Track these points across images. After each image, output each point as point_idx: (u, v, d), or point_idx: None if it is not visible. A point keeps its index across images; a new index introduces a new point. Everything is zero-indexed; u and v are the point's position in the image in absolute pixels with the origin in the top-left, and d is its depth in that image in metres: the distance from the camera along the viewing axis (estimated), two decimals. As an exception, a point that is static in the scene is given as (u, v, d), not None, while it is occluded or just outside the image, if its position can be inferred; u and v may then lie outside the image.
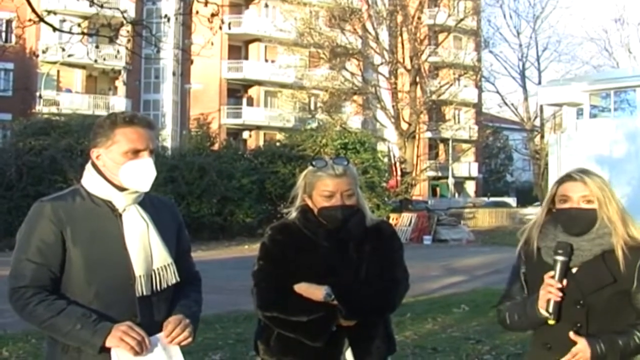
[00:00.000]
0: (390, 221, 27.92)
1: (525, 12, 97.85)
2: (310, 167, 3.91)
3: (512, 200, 69.30)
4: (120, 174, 3.31)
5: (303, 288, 3.69)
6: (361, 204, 3.92)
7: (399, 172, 42.13)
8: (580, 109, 41.77)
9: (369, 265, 3.81)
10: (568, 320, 3.36)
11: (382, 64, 45.59)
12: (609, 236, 3.39)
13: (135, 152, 3.32)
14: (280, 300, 3.71)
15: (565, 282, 3.36)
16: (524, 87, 66.90)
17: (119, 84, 55.90)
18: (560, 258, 3.36)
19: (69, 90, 53.35)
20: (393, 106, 44.36)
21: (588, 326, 3.35)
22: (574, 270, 3.41)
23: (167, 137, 48.62)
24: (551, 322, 3.36)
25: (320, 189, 3.81)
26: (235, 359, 9.05)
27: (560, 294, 3.33)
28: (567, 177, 3.50)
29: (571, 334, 3.30)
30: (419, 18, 45.11)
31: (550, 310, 3.34)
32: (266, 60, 60.89)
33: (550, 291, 3.33)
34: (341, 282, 3.70)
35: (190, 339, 3.30)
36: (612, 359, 3.29)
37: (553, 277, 3.35)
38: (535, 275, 3.49)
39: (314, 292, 3.66)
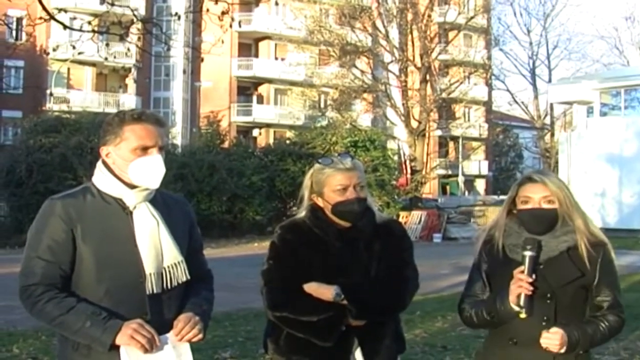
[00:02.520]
0: (400, 219, 28.00)
1: (535, 10, 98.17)
2: (317, 166, 3.89)
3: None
4: (129, 171, 3.31)
5: (313, 288, 3.68)
6: (369, 202, 3.91)
7: (408, 170, 42.08)
8: (590, 107, 41.66)
9: (380, 264, 3.80)
10: (536, 314, 3.48)
11: (392, 61, 45.56)
12: (572, 233, 3.57)
13: (144, 149, 3.32)
14: (290, 300, 3.70)
15: (534, 276, 3.47)
16: (534, 85, 66.81)
17: (129, 81, 56.03)
18: (528, 253, 3.47)
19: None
20: (403, 104, 44.33)
21: (556, 319, 3.48)
22: (541, 266, 3.53)
23: (177, 135, 48.61)
24: (522, 315, 3.45)
25: (333, 184, 3.78)
26: (244, 357, 9.05)
27: (531, 288, 3.43)
28: (527, 179, 3.66)
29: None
30: (429, 16, 45.08)
31: (522, 304, 3.43)
32: (276, 58, 60.95)
33: (521, 285, 3.43)
34: (351, 281, 3.69)
35: (200, 336, 3.30)
36: (583, 346, 3.47)
37: (523, 272, 3.45)
38: (499, 272, 3.62)
39: (324, 291, 3.65)
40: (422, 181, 43.47)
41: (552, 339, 3.38)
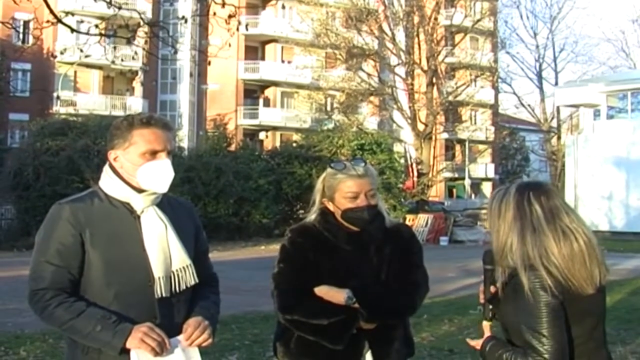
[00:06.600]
0: (407, 222, 27.97)
1: (542, 13, 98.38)
2: (330, 170, 3.89)
3: (528, 202, 69.05)
4: (138, 176, 3.31)
5: (324, 291, 3.69)
6: (380, 206, 3.90)
7: (415, 173, 42.07)
8: (597, 110, 41.68)
9: (390, 267, 3.81)
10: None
11: (398, 64, 45.55)
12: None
13: (153, 154, 3.32)
14: (300, 303, 3.70)
15: (492, 288, 3.38)
16: (540, 88, 66.88)
17: (136, 84, 56.07)
18: (486, 267, 3.41)
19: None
20: (410, 107, 44.31)
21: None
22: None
23: (184, 138, 48.64)
24: (484, 322, 3.42)
25: (344, 190, 3.78)
26: (251, 360, 9.05)
27: (482, 296, 3.42)
28: None
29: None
30: (436, 19, 45.04)
31: (482, 310, 3.43)
32: (283, 61, 60.94)
33: (478, 295, 3.44)
34: (362, 285, 3.69)
35: (210, 341, 3.30)
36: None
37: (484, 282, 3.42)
38: None
39: (335, 295, 3.65)
40: (428, 184, 43.47)
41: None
